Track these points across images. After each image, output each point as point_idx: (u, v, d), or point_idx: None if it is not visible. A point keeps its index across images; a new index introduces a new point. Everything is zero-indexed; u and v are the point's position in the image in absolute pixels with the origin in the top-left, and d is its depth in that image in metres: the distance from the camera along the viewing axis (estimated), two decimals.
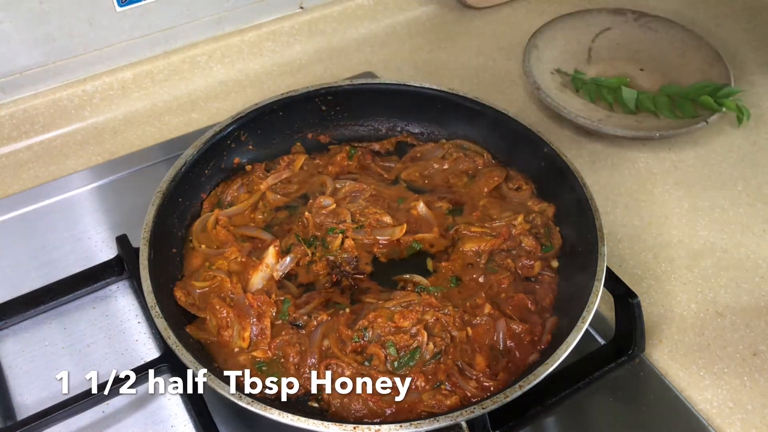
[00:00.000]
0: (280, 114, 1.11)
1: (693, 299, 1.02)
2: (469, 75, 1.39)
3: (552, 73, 1.34)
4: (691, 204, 1.16)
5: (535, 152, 1.05)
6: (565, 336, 0.82)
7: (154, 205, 0.95)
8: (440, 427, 0.74)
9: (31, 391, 0.90)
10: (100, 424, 0.87)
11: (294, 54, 1.42)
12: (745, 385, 0.93)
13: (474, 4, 1.53)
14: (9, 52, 1.17)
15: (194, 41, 1.34)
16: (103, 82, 1.28)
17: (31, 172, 1.19)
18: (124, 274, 0.99)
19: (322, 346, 0.87)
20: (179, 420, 0.88)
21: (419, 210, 1.03)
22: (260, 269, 0.94)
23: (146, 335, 0.96)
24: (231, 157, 1.10)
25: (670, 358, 0.95)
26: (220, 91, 1.34)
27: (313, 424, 0.74)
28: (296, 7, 1.43)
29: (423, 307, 0.89)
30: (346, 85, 1.14)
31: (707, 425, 0.88)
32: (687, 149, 1.25)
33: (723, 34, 1.49)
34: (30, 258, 1.05)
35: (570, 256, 0.98)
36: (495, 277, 0.95)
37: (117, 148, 1.23)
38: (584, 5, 1.50)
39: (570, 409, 0.89)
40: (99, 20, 1.21)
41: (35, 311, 0.96)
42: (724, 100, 1.23)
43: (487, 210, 1.04)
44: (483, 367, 0.86)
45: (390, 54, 1.43)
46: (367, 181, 1.07)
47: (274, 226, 1.03)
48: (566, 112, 1.22)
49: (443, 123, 1.15)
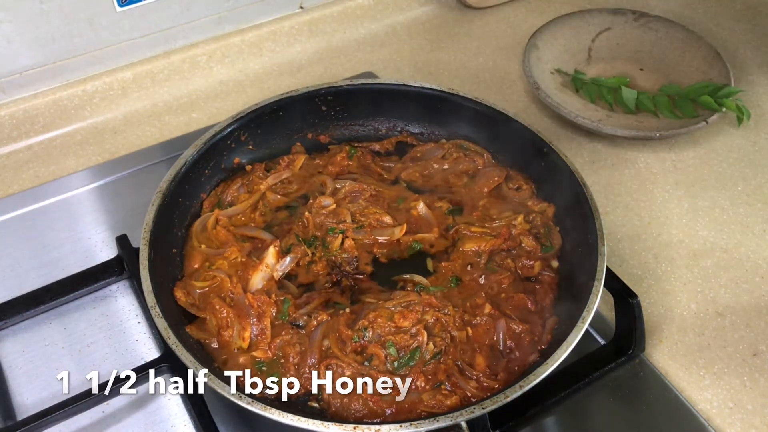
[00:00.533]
0: (280, 114, 1.11)
1: (693, 299, 1.02)
2: (469, 75, 1.39)
3: (552, 73, 1.34)
4: (691, 204, 1.16)
5: (535, 152, 1.05)
6: (565, 336, 0.82)
7: (154, 205, 0.95)
8: (440, 427, 0.74)
9: (31, 391, 0.90)
10: (100, 424, 0.87)
11: (294, 54, 1.42)
12: (745, 385, 0.93)
13: (474, 4, 1.53)
14: (9, 52, 1.17)
15: (194, 41, 1.34)
16: (103, 82, 1.28)
17: (31, 172, 1.19)
18: (124, 274, 0.99)
19: (322, 346, 0.87)
20: (179, 420, 0.88)
21: (419, 210, 1.03)
22: (260, 269, 0.94)
23: (146, 335, 0.96)
24: (231, 157, 1.10)
25: (670, 358, 0.95)
26: (220, 91, 1.34)
27: (313, 424, 0.74)
28: (296, 7, 1.43)
29: (423, 307, 0.89)
30: (346, 85, 1.14)
31: (707, 425, 0.88)
32: (687, 149, 1.25)
33: (723, 34, 1.49)
34: (30, 258, 1.05)
35: (570, 256, 0.98)
36: (495, 277, 0.95)
37: (117, 148, 1.23)
38: (584, 5, 1.50)
39: (570, 409, 0.89)
40: (99, 20, 1.21)
41: (35, 311, 0.96)
42: (724, 100, 1.23)
43: (487, 210, 1.04)
44: (483, 367, 0.86)
45: (390, 54, 1.43)
46: (367, 181, 1.07)
47: (274, 226, 1.03)
48: (566, 112, 1.22)
49: (443, 123, 1.15)
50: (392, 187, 1.09)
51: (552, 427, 0.89)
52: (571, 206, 0.99)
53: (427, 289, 0.94)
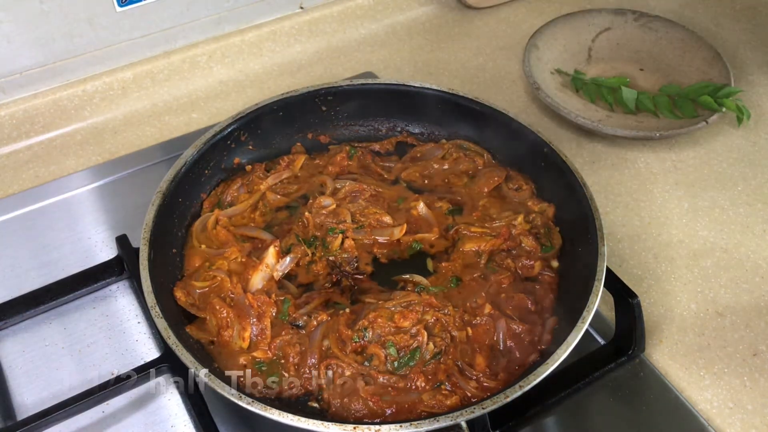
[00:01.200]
0: (280, 114, 1.11)
1: (693, 299, 1.02)
2: (469, 75, 1.39)
3: (552, 73, 1.34)
4: (691, 204, 1.16)
5: (535, 152, 1.05)
6: (565, 336, 0.82)
7: (154, 205, 0.95)
8: (440, 427, 0.74)
9: (31, 391, 0.90)
10: (100, 424, 0.87)
11: (294, 54, 1.42)
12: (745, 385, 0.93)
13: (474, 4, 1.53)
14: (9, 52, 1.17)
15: (194, 41, 1.34)
16: (103, 82, 1.28)
17: (31, 172, 1.19)
18: (124, 274, 1.00)
19: (322, 346, 0.87)
20: (179, 420, 0.88)
21: (419, 210, 1.03)
22: (260, 269, 0.94)
23: (146, 335, 0.96)
24: (231, 157, 1.10)
25: (670, 358, 0.95)
26: (220, 91, 1.34)
27: (313, 424, 0.74)
28: (296, 7, 1.43)
29: (423, 307, 0.89)
30: (346, 85, 1.14)
31: (707, 425, 0.88)
32: (687, 149, 1.25)
33: (723, 34, 1.49)
34: (30, 258, 1.05)
35: (570, 256, 0.98)
36: (495, 277, 0.95)
37: (117, 148, 1.23)
38: (584, 5, 1.50)
39: (570, 409, 0.89)
40: (99, 20, 1.21)
41: (35, 311, 0.96)
42: (724, 100, 1.23)
43: (487, 210, 1.04)
44: (483, 367, 0.86)
45: (390, 54, 1.44)
46: (367, 181, 1.07)
47: (274, 226, 1.03)
48: (566, 112, 1.22)
49: (443, 123, 1.15)
50: (392, 187, 1.09)
51: (552, 427, 0.89)
52: (571, 206, 0.99)
53: (427, 289, 0.93)
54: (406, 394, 0.83)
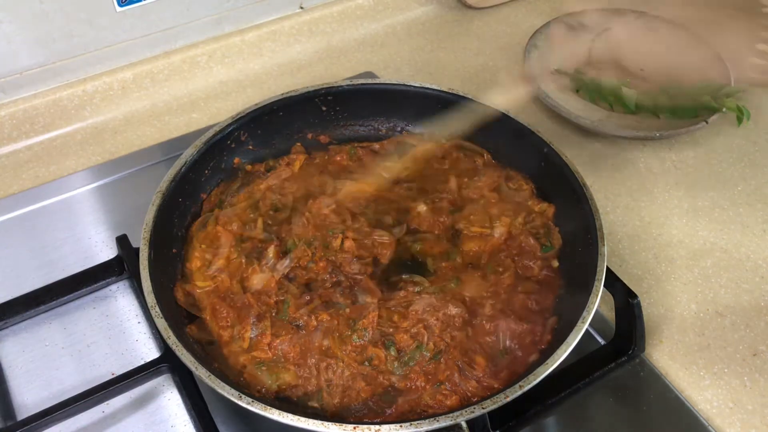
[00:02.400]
0: (280, 114, 1.11)
1: (693, 299, 1.02)
2: (469, 75, 1.40)
3: (552, 73, 1.33)
4: (691, 204, 1.16)
5: (535, 152, 1.05)
6: (565, 336, 0.81)
7: (154, 205, 0.95)
8: (440, 427, 0.74)
9: (31, 391, 0.90)
10: (100, 424, 0.87)
11: (294, 54, 1.42)
12: (745, 385, 0.93)
13: (474, 4, 1.53)
14: (9, 52, 1.17)
15: (194, 41, 1.34)
16: (103, 82, 1.28)
17: (31, 172, 1.19)
18: (124, 274, 1.00)
19: (322, 346, 0.87)
20: (179, 420, 0.88)
21: (419, 210, 1.03)
22: (260, 269, 0.94)
23: (146, 335, 0.96)
24: (231, 157, 1.10)
25: (670, 358, 0.95)
26: (220, 91, 1.34)
27: (313, 424, 0.74)
28: (296, 7, 1.43)
29: (423, 307, 0.89)
30: (346, 85, 1.14)
31: (707, 425, 0.88)
32: (687, 149, 1.25)
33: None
34: (30, 258, 1.05)
35: (570, 256, 0.98)
36: (495, 277, 0.95)
37: (117, 148, 1.23)
38: None
39: (570, 409, 0.89)
40: (99, 20, 1.21)
41: (35, 311, 0.96)
42: (724, 100, 1.23)
43: (487, 210, 1.04)
44: (483, 367, 0.86)
45: (390, 54, 1.44)
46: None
47: (274, 226, 1.03)
48: (566, 112, 1.22)
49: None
50: (392, 187, 1.09)
51: (552, 427, 0.89)
52: (571, 206, 0.99)
53: (427, 289, 0.93)
54: (406, 394, 0.83)
